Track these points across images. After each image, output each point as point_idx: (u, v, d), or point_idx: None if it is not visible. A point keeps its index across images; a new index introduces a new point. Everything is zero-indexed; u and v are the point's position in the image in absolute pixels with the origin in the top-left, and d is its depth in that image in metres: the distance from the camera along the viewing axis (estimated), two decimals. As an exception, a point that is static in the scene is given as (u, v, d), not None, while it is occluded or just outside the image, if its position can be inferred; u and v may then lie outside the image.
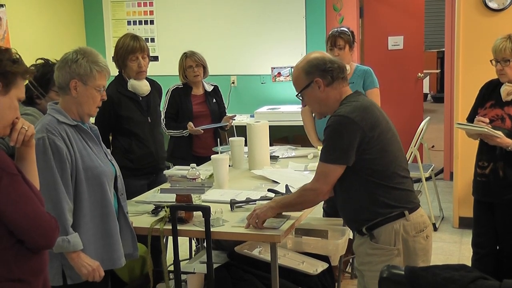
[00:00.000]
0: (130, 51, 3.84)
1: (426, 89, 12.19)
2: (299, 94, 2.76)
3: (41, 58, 3.25)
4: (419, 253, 2.66)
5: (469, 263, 3.76)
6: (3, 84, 1.97)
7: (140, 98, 3.92)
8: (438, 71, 12.43)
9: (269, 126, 4.10)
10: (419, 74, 7.53)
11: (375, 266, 2.64)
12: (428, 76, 12.11)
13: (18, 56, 2.04)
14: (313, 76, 2.69)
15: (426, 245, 2.71)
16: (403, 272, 2.05)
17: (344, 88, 2.74)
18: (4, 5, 5.92)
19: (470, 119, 3.68)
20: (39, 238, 2.00)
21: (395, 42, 7.35)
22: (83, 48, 2.70)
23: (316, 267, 3.51)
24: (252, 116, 6.33)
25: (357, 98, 2.71)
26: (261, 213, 2.83)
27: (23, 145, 2.10)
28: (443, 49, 7.43)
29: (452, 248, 5.06)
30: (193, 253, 4.46)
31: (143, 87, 3.89)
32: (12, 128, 2.04)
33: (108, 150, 2.88)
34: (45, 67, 3.20)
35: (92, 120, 3.16)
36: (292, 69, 2.81)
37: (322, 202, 4.30)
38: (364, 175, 2.62)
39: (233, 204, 3.15)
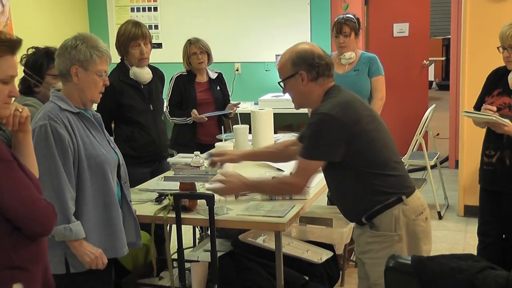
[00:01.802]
0: (132, 37, 3.80)
1: (431, 77, 12.13)
2: (282, 82, 2.75)
3: (32, 47, 3.22)
4: (421, 236, 2.67)
5: (474, 252, 3.74)
6: None
7: (142, 86, 3.89)
8: (444, 58, 12.36)
9: (273, 113, 4.08)
10: (425, 61, 7.47)
11: (376, 253, 2.67)
12: (433, 64, 12.04)
13: None
14: (298, 68, 2.67)
15: (427, 227, 2.72)
16: (409, 262, 2.04)
17: (328, 84, 2.72)
18: (7, -9, 5.89)
19: (477, 107, 3.64)
20: (35, 224, 1.98)
21: (401, 29, 7.30)
22: (82, 34, 2.67)
23: (320, 256, 3.50)
24: (256, 103, 6.30)
25: (337, 93, 2.69)
26: (231, 188, 2.83)
27: (20, 131, 2.07)
28: (449, 36, 7.38)
29: (457, 237, 5.04)
30: (197, 241, 4.45)
31: (145, 74, 3.86)
32: None
33: (111, 137, 2.85)
34: (35, 54, 3.17)
35: (95, 107, 3.14)
36: (280, 56, 2.78)
37: (327, 190, 4.28)
38: (357, 166, 2.61)
39: (238, 192, 3.13)
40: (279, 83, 2.77)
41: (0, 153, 1.90)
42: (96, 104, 3.79)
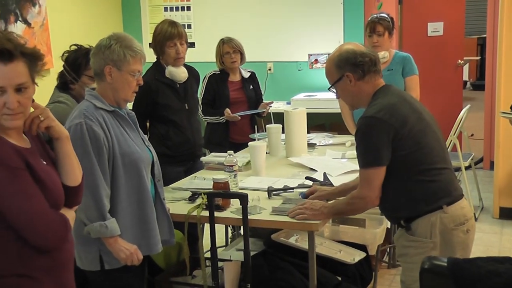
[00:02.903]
0: (168, 37, 3.82)
1: (465, 77, 11.98)
2: (332, 87, 2.73)
3: (75, 44, 3.27)
4: (457, 246, 2.57)
5: (510, 254, 3.67)
6: None
7: (178, 85, 3.91)
8: (478, 58, 12.19)
9: (306, 113, 4.06)
10: (459, 61, 7.38)
11: (411, 258, 2.61)
12: (468, 63, 11.89)
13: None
14: (343, 70, 2.65)
15: (466, 239, 2.61)
16: (445, 264, 2.01)
17: (377, 81, 2.68)
18: (43, -9, 5.98)
19: (515, 107, 3.58)
20: (35, 237, 1.89)
21: (435, 28, 7.21)
22: (117, 34, 2.68)
23: (353, 256, 3.47)
24: (288, 103, 6.28)
25: (383, 95, 2.64)
26: (312, 214, 2.77)
27: (54, 138, 2.02)
28: (484, 35, 7.27)
29: (492, 239, 4.96)
30: (229, 240, 4.46)
31: (181, 74, 3.88)
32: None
33: (146, 136, 2.87)
34: (76, 52, 3.23)
35: (130, 106, 3.16)
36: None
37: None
38: (400, 171, 2.55)
39: (271, 191, 3.13)
40: (329, 89, 2.75)
41: (5, 160, 1.84)
42: (132, 103, 3.83)
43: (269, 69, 6.84)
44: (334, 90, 2.74)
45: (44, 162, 2.00)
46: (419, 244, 2.59)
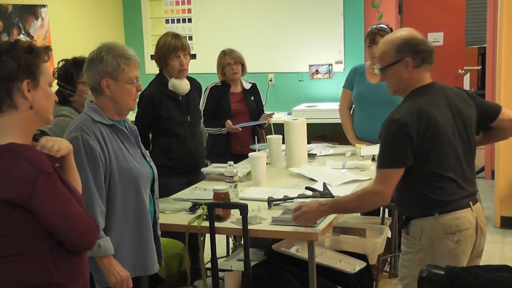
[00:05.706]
0: (172, 49, 3.84)
1: (466, 86, 11.98)
2: (383, 69, 2.69)
3: (61, 60, 3.32)
4: (445, 255, 2.58)
5: (511, 264, 3.68)
6: (31, 80, 1.92)
7: (180, 97, 3.93)
8: (479, 67, 12.20)
9: (307, 123, 4.08)
10: (460, 71, 7.41)
11: (403, 255, 2.71)
12: (469, 73, 11.90)
13: (29, 44, 1.97)
14: (404, 55, 2.62)
15: (455, 249, 2.61)
16: (443, 272, 2.03)
17: (426, 76, 2.67)
18: (46, 5, 6.02)
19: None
20: (77, 238, 1.96)
21: (435, 38, 7.24)
22: (106, 44, 2.59)
23: (354, 266, 3.48)
24: (289, 113, 6.30)
25: (421, 94, 2.63)
26: (312, 216, 2.77)
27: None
28: (485, 45, 7.30)
29: (494, 248, 4.96)
30: (230, 250, 4.47)
31: (184, 86, 3.90)
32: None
33: (147, 151, 2.78)
34: (65, 65, 3.29)
35: (133, 118, 3.15)
36: (380, 43, 2.74)
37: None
38: (407, 172, 2.58)
39: (271, 202, 3.15)
40: (381, 69, 2.71)
41: (42, 166, 1.88)
42: (135, 116, 3.84)
43: (270, 80, 6.87)
44: (382, 73, 2.71)
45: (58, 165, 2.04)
46: (409, 243, 2.68)
